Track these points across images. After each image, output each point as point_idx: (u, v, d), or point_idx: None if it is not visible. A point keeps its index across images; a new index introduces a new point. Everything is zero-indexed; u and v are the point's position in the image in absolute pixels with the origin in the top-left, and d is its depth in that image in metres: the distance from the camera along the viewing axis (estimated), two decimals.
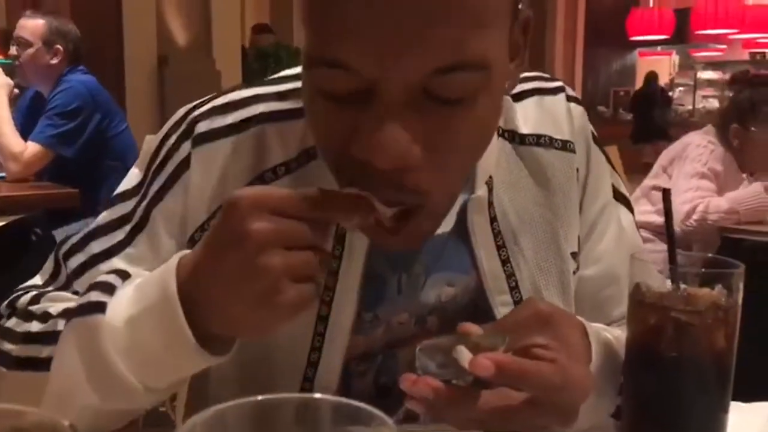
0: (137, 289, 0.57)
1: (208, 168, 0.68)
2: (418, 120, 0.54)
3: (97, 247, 0.69)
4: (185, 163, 0.68)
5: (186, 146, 0.69)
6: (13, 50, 2.70)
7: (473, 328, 0.59)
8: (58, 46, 2.67)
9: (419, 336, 0.72)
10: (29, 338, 0.64)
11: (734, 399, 0.64)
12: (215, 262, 0.53)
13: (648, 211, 2.42)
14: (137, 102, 4.44)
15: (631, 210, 0.85)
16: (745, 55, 11.09)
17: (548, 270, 0.75)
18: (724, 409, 0.63)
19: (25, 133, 2.58)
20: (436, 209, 0.61)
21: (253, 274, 0.51)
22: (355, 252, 0.68)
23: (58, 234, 2.44)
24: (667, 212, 0.67)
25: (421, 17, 0.51)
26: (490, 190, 0.73)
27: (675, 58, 11.64)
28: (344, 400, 0.36)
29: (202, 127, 0.69)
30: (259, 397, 0.36)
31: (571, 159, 0.77)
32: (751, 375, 0.81)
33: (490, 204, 0.73)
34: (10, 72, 2.68)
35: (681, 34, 9.84)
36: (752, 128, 2.36)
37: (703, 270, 0.64)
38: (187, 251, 0.57)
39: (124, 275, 0.61)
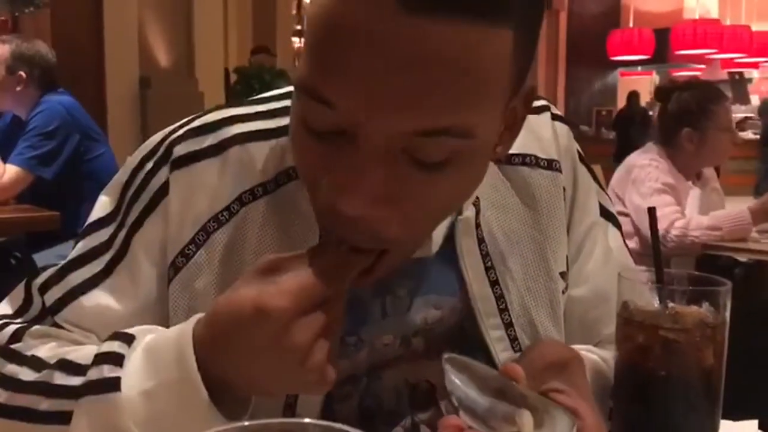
0: (148, 357, 0.56)
1: (188, 192, 0.66)
2: (391, 176, 0.52)
3: (76, 278, 0.68)
4: (164, 189, 0.67)
5: (164, 171, 0.67)
6: None
7: (518, 373, 0.59)
8: (21, 73, 2.61)
9: (404, 357, 0.71)
10: (21, 387, 0.61)
11: (722, 417, 0.64)
12: (239, 338, 0.53)
13: None
14: (119, 124, 4.42)
15: (619, 227, 0.84)
16: (723, 75, 11.26)
17: (537, 291, 0.74)
18: (714, 428, 0.62)
19: (3, 155, 2.55)
20: (400, 251, 0.60)
21: (283, 349, 0.52)
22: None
23: (39, 258, 2.41)
24: (653, 230, 0.67)
25: (414, 79, 0.49)
26: (478, 212, 0.72)
27: (655, 77, 11.80)
28: (331, 424, 0.35)
29: (179, 150, 0.67)
30: (246, 423, 0.35)
31: (557, 178, 0.76)
32: (736, 393, 0.80)
33: (478, 225, 0.72)
34: None
35: (661, 54, 9.99)
36: (707, 128, 2.38)
37: (690, 288, 0.63)
38: (200, 317, 0.56)
39: (129, 339, 0.58)
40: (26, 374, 0.61)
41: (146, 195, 0.67)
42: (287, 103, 0.68)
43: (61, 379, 0.59)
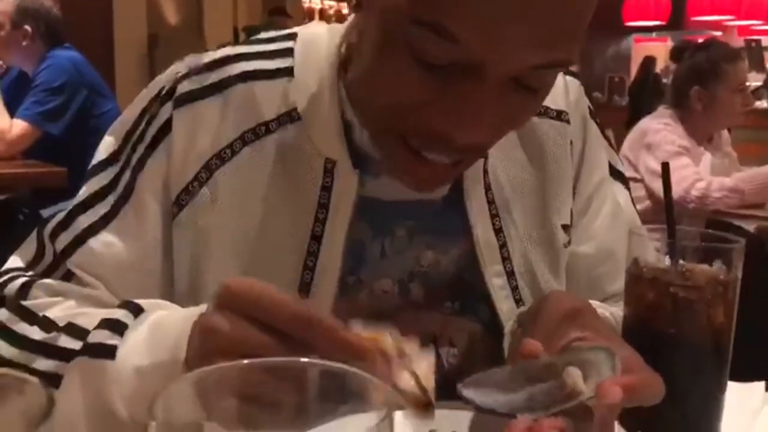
0: (151, 334, 0.55)
1: (190, 129, 0.66)
2: (500, 103, 0.55)
3: (84, 222, 0.68)
4: (167, 126, 0.66)
5: (167, 108, 0.67)
6: None
7: (536, 347, 0.55)
8: (27, 27, 2.59)
9: (403, 308, 0.70)
10: (28, 345, 0.61)
11: (730, 379, 0.63)
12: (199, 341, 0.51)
13: None
14: (127, 82, 4.40)
15: (628, 187, 0.84)
16: (740, 42, 11.08)
17: (539, 241, 0.74)
18: (722, 389, 0.61)
19: (11, 111, 2.54)
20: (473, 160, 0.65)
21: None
22: (338, 217, 0.67)
23: (46, 214, 2.41)
24: (666, 186, 0.65)
25: (545, 16, 0.51)
26: (486, 158, 0.71)
27: (670, 44, 11.62)
28: (330, 363, 0.35)
29: (182, 88, 0.67)
30: (245, 361, 0.35)
31: (565, 129, 0.76)
32: (744, 354, 0.80)
33: (486, 172, 0.72)
34: None
35: (676, 20, 9.81)
36: (717, 86, 2.33)
37: (702, 244, 0.62)
38: (203, 309, 0.53)
39: (137, 310, 0.58)
40: (36, 334, 0.62)
41: (149, 133, 0.67)
42: (291, 44, 0.69)
43: (65, 342, 0.59)
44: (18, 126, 2.50)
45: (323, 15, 8.43)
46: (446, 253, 0.71)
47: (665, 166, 0.65)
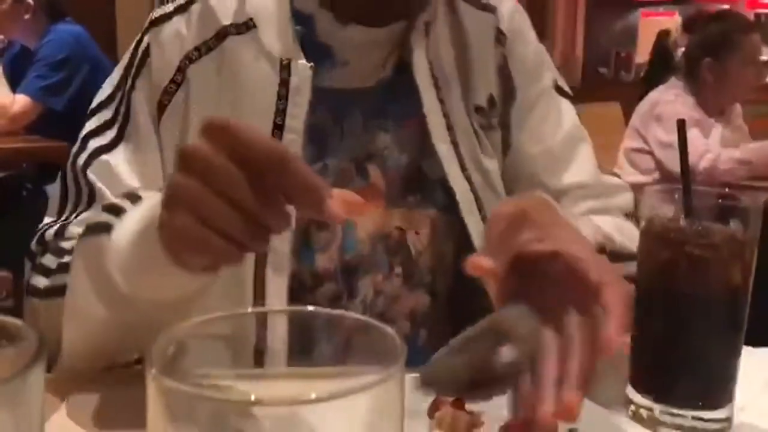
0: (139, 211, 0.60)
1: (163, 44, 0.78)
2: None
3: (94, 144, 0.78)
4: (147, 49, 0.79)
5: (146, 36, 0.79)
6: None
7: (484, 264, 0.54)
8: (29, 1, 2.58)
9: (368, 189, 0.78)
10: (63, 269, 0.69)
11: (745, 344, 0.61)
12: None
13: (633, 173, 2.39)
14: None
15: (572, 104, 0.90)
16: (750, 16, 10.95)
17: (466, 126, 0.81)
18: (736, 352, 0.60)
19: (13, 86, 2.53)
20: None
21: (173, 197, 0.51)
22: (297, 108, 0.75)
23: (50, 189, 2.41)
24: (682, 143, 0.63)
25: None
26: (427, 40, 0.79)
27: (678, 18, 11.49)
28: (338, 312, 0.35)
29: (156, 12, 0.80)
30: (249, 309, 0.34)
31: (490, 19, 0.85)
32: (759, 320, 0.78)
33: (428, 55, 0.79)
34: None
35: None
36: (728, 58, 2.30)
37: (719, 202, 0.60)
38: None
39: (134, 199, 0.64)
40: (67, 259, 0.70)
41: (136, 59, 0.79)
42: None
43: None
44: (20, 101, 2.49)
45: None
46: (399, 133, 0.80)
47: (681, 123, 0.63)
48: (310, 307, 0.36)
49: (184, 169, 0.50)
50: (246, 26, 0.77)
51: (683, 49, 2.58)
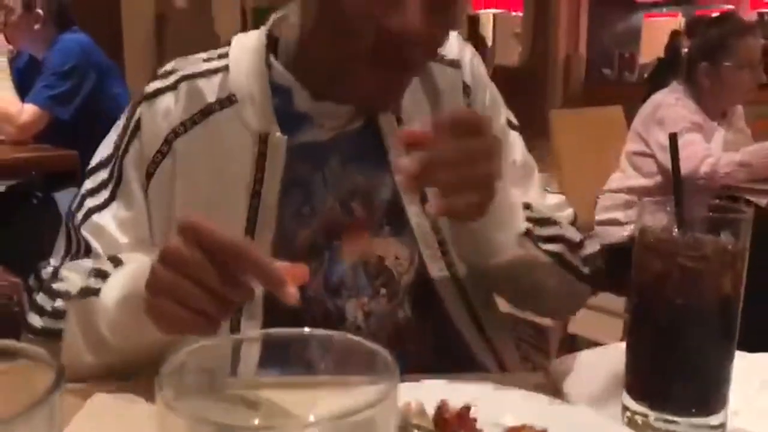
0: (124, 276, 0.74)
1: (153, 117, 0.86)
2: (432, 14, 0.74)
3: (90, 203, 0.87)
4: (139, 122, 0.87)
5: (139, 107, 0.88)
6: (0, 16, 2.64)
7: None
8: (39, 11, 2.60)
9: (353, 228, 0.87)
10: (56, 314, 0.80)
11: (738, 348, 0.63)
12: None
13: (636, 176, 2.40)
14: (136, 64, 4.40)
15: (521, 137, 0.99)
16: (753, 15, 10.92)
17: None
18: (729, 358, 0.62)
19: (21, 96, 2.55)
20: (419, 69, 0.85)
21: (155, 285, 0.63)
22: (273, 176, 0.83)
23: (59, 197, 2.43)
24: (674, 157, 0.65)
25: None
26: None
27: (681, 19, 11.47)
28: (332, 333, 0.37)
29: (149, 88, 0.88)
30: (255, 332, 0.36)
31: (458, 74, 0.93)
32: (753, 324, 0.80)
33: (396, 109, 0.88)
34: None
35: None
36: (725, 63, 2.30)
37: (710, 214, 0.62)
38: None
39: (117, 262, 0.79)
40: (58, 304, 0.81)
41: (130, 128, 0.87)
42: (227, 49, 0.89)
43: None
44: (28, 110, 2.51)
45: None
46: (374, 178, 0.87)
47: (673, 137, 0.65)
48: (306, 329, 0.38)
49: (164, 262, 0.62)
50: (229, 101, 0.86)
51: (686, 50, 2.58)
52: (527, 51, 9.47)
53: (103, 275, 0.76)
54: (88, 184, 0.89)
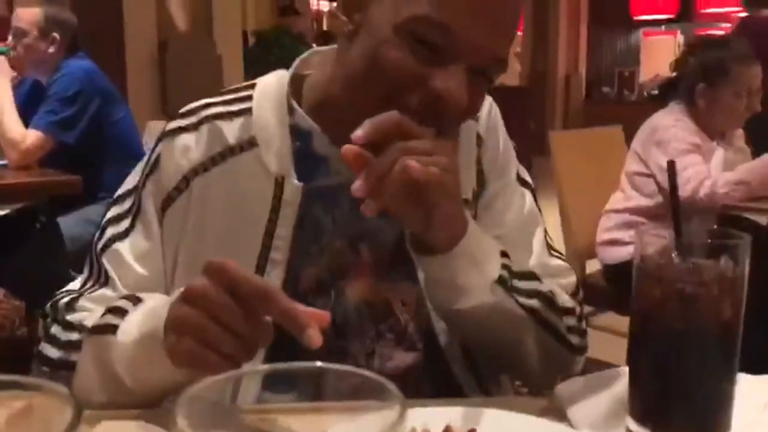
0: (142, 315, 0.73)
1: (173, 153, 0.88)
2: (470, 83, 0.76)
3: (111, 232, 0.90)
4: (158, 157, 0.89)
5: (160, 144, 0.90)
6: (9, 40, 2.67)
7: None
8: (55, 35, 2.64)
9: (359, 267, 0.88)
10: (70, 346, 0.81)
11: (741, 371, 0.64)
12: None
13: (636, 196, 2.40)
14: (139, 87, 4.43)
15: (533, 192, 0.99)
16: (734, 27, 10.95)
17: None
18: (731, 381, 0.62)
19: (25, 121, 2.57)
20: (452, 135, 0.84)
21: (179, 325, 0.64)
22: (286, 218, 0.85)
23: (63, 221, 2.44)
24: (672, 184, 0.66)
25: (512, 19, 0.77)
26: None
27: (680, 38, 11.54)
28: (346, 368, 0.38)
29: (171, 125, 0.90)
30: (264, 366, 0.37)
31: (472, 124, 0.93)
32: (755, 347, 0.80)
33: None
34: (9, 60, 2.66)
35: (686, 13, 9.75)
36: (721, 86, 2.29)
37: (708, 241, 0.63)
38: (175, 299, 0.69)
39: (136, 300, 0.78)
40: (74, 336, 0.82)
41: (150, 162, 0.90)
42: (251, 92, 0.90)
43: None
44: (33, 135, 2.53)
45: (332, 16, 8.45)
46: (382, 221, 0.86)
47: (671, 165, 0.66)
48: (318, 363, 0.39)
49: (190, 302, 0.63)
50: (249, 144, 0.87)
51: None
52: (527, 70, 9.52)
53: (120, 312, 0.76)
54: (111, 212, 0.91)
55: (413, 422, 0.58)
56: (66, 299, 0.87)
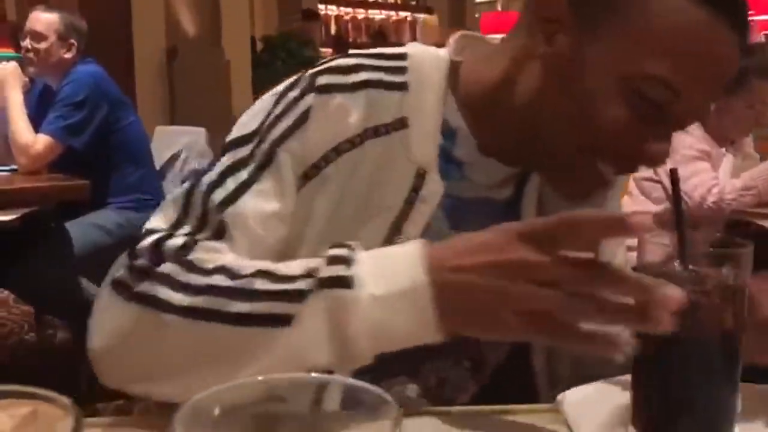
0: (376, 265, 0.62)
1: (326, 115, 0.77)
2: None
3: (232, 183, 0.75)
4: (308, 111, 0.77)
5: (309, 97, 0.78)
6: (26, 43, 2.70)
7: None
8: (72, 41, 2.68)
9: None
10: (214, 291, 0.64)
11: (746, 380, 0.63)
12: (470, 262, 0.59)
13: (645, 201, 2.40)
14: (147, 93, 4.45)
15: None
16: (760, 37, 10.90)
17: None
18: (734, 391, 0.62)
19: (35, 125, 2.59)
20: None
21: (487, 285, 0.57)
22: (419, 215, 0.77)
23: (71, 226, 2.45)
24: (675, 192, 0.66)
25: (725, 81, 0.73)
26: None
27: None
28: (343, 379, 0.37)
29: (323, 79, 0.78)
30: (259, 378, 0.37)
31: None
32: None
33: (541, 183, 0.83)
34: (20, 66, 2.69)
35: None
36: (734, 95, 2.27)
37: (711, 249, 0.63)
38: (425, 241, 0.63)
39: (349, 247, 0.64)
40: (219, 280, 0.65)
41: (292, 115, 0.77)
42: (403, 63, 0.80)
43: (261, 285, 0.64)
44: (42, 140, 2.55)
45: (338, 21, 8.48)
46: None
47: (674, 173, 0.66)
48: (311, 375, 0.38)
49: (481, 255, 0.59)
50: (401, 123, 0.78)
51: None
52: None
53: (347, 262, 0.62)
54: (227, 159, 0.78)
55: (411, 429, 0.58)
56: (176, 242, 0.71)
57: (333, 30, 8.28)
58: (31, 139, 2.54)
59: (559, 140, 0.75)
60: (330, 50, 6.64)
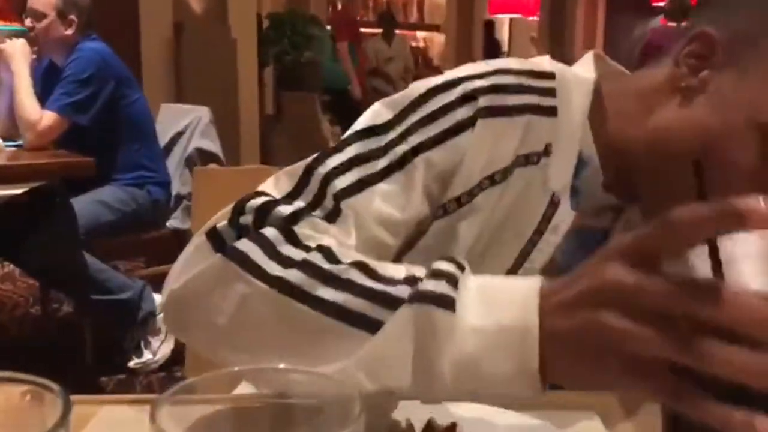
0: (483, 296, 0.52)
1: (486, 140, 0.73)
2: None
3: (358, 173, 0.70)
4: (466, 127, 0.72)
5: (466, 110, 0.73)
6: (27, 22, 2.68)
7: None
8: (72, 17, 2.66)
9: None
10: (309, 270, 0.58)
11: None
12: (566, 295, 0.48)
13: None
14: (153, 70, 4.44)
15: None
16: None
17: None
18: None
19: (41, 102, 2.58)
20: None
21: (585, 319, 0.45)
22: (547, 245, 0.76)
23: (76, 203, 2.46)
24: (700, 182, 0.64)
25: None
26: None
27: None
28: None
29: (486, 100, 0.73)
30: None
31: None
32: None
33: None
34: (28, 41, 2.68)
35: None
36: None
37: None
38: (540, 279, 0.51)
39: (460, 266, 0.56)
40: (320, 261, 0.59)
41: (443, 123, 0.73)
42: (551, 84, 0.77)
43: (357, 277, 0.57)
44: (48, 117, 2.54)
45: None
46: None
47: (697, 163, 0.64)
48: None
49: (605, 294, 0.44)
50: (546, 152, 0.76)
51: None
52: (544, 55, 9.45)
53: (453, 281, 0.53)
54: (359, 147, 0.72)
55: (397, 416, 0.57)
56: (288, 209, 0.66)
57: (339, 6, 8.23)
58: (38, 116, 2.54)
59: (679, 178, 0.64)
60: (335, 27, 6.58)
